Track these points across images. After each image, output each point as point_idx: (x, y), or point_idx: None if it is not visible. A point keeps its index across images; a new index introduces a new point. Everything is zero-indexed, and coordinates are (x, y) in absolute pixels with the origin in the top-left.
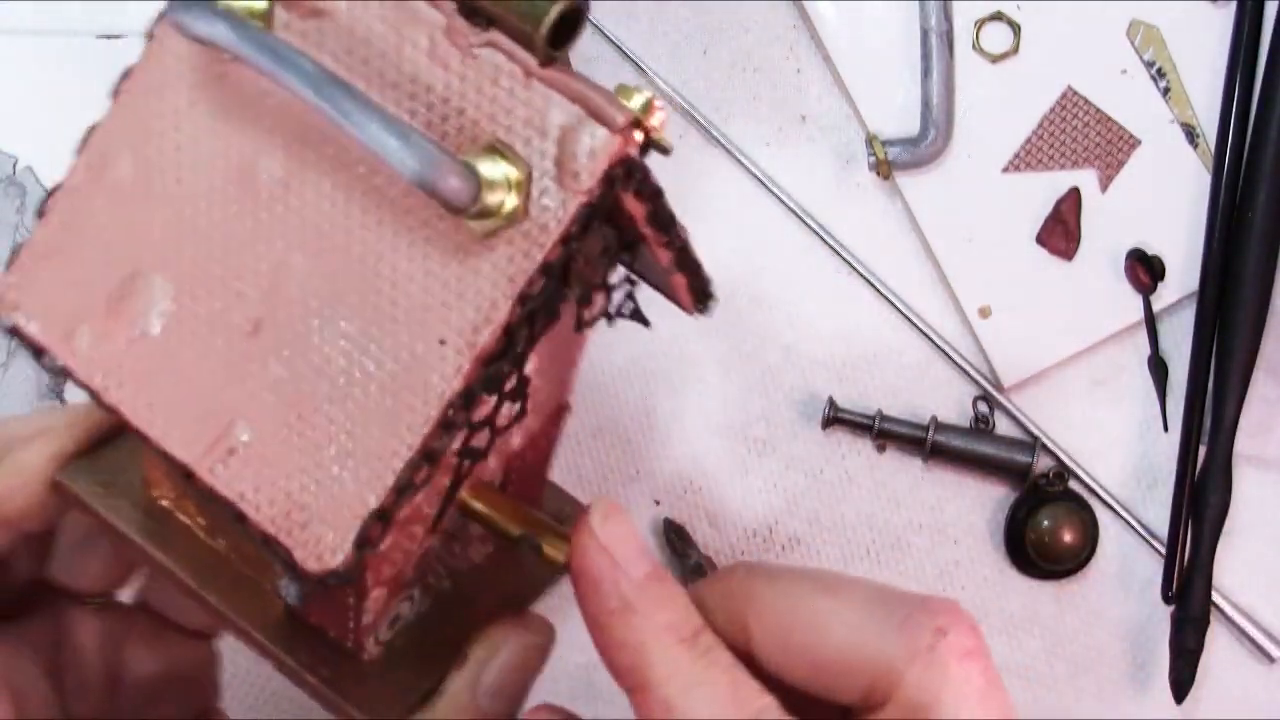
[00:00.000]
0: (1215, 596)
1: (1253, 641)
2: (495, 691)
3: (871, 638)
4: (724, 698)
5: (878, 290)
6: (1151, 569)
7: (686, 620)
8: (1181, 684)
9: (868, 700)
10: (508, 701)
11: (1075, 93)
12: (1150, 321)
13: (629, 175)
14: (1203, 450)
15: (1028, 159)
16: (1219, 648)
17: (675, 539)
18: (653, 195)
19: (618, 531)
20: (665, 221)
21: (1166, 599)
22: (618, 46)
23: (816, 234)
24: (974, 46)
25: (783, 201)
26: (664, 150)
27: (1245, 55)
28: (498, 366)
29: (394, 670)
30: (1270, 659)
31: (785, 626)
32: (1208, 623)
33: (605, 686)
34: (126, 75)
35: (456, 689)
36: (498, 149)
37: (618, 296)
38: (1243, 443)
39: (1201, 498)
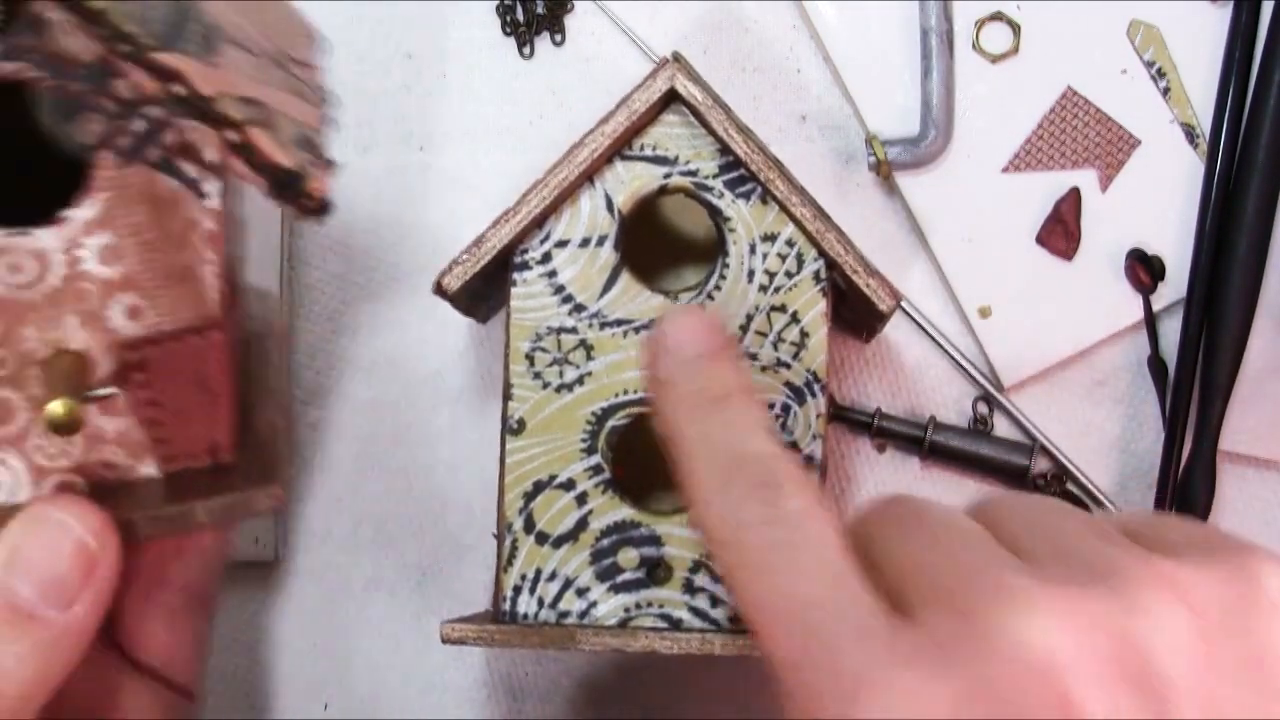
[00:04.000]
0: None
1: None
2: (22, 573)
3: None
4: (730, 435)
5: None
6: None
7: (715, 385)
8: None
9: None
10: (42, 586)
11: (1075, 93)
12: (1150, 321)
13: None
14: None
15: (1028, 159)
16: None
17: None
18: None
19: (675, 323)
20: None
21: None
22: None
23: None
24: (974, 46)
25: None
26: None
27: (1240, 55)
28: None
29: None
30: None
31: None
32: None
33: (605, 686)
34: None
35: None
36: None
37: (137, 126)
38: (1245, 443)
39: (1185, 493)
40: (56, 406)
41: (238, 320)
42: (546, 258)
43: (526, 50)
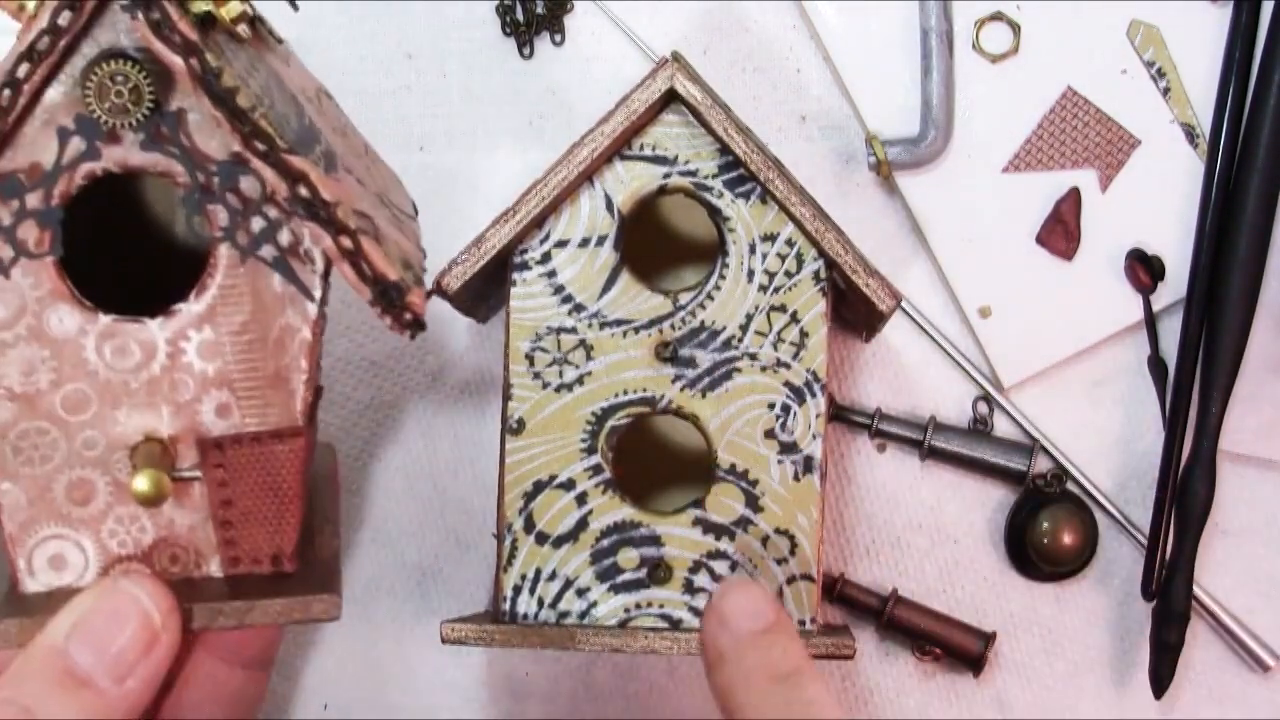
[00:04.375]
0: (1209, 601)
1: (1245, 648)
2: (84, 639)
3: None
4: (801, 710)
5: None
6: None
7: (779, 660)
8: (1160, 679)
9: None
10: (101, 655)
11: (1075, 93)
12: (1150, 321)
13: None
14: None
15: (1028, 159)
16: (1213, 653)
17: None
18: (189, 49)
19: (732, 598)
20: (219, 95)
21: (1147, 595)
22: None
23: None
24: (974, 46)
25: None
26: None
27: (1240, 55)
28: None
29: None
30: (1263, 666)
31: None
32: (1188, 618)
33: (605, 686)
34: None
35: (47, 632)
36: None
37: (256, 225)
38: (1245, 443)
39: (1185, 492)
40: (143, 478)
41: (315, 436)
42: (546, 258)
43: (526, 50)
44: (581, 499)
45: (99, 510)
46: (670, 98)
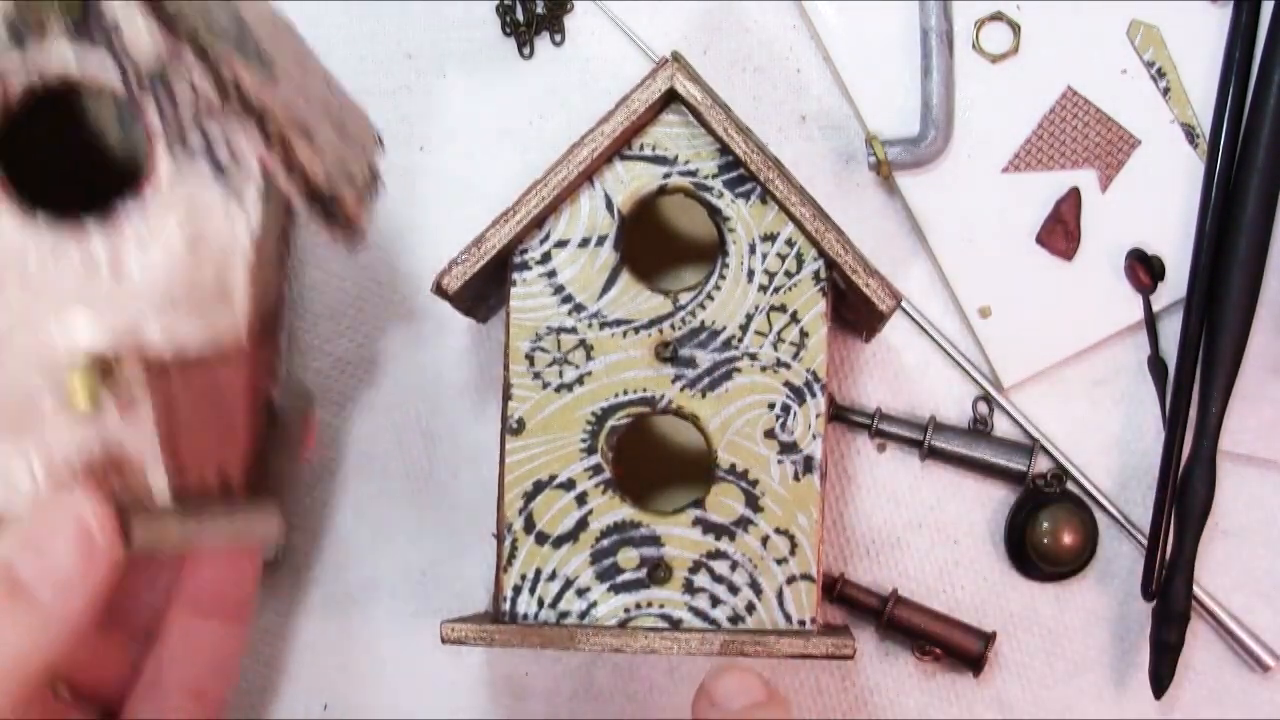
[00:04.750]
0: (1209, 601)
1: (1245, 648)
2: (25, 552)
3: None
4: None
5: None
6: None
7: None
8: (1160, 679)
9: None
10: (43, 568)
11: (1075, 93)
12: (1150, 321)
13: None
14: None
15: (1028, 159)
16: (1213, 653)
17: None
18: None
19: (722, 681)
20: None
21: (1147, 595)
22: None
23: None
24: (974, 46)
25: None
26: None
27: (1240, 55)
28: None
29: None
30: (1263, 666)
31: None
32: (1188, 618)
33: (605, 686)
34: None
35: None
36: None
37: (191, 133)
38: (1246, 443)
39: (1185, 492)
40: (80, 393)
41: (270, 365)
42: (546, 258)
43: (526, 50)
44: (581, 499)
45: (43, 426)
46: (670, 98)
